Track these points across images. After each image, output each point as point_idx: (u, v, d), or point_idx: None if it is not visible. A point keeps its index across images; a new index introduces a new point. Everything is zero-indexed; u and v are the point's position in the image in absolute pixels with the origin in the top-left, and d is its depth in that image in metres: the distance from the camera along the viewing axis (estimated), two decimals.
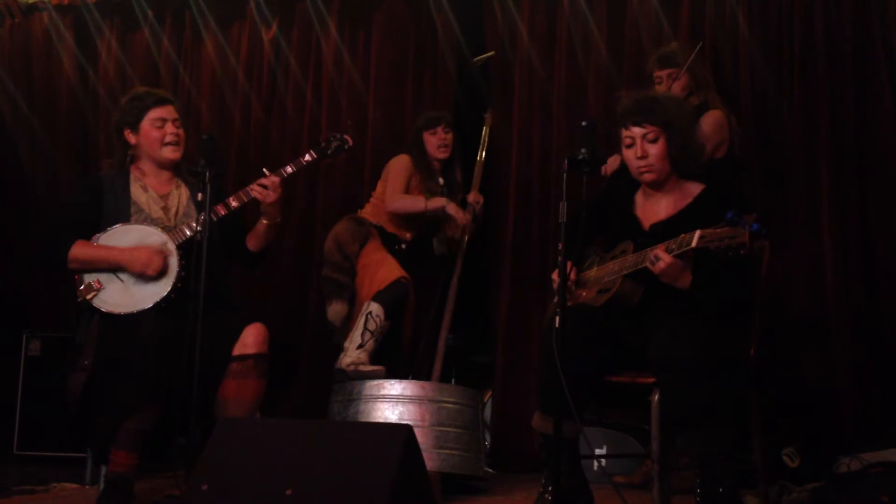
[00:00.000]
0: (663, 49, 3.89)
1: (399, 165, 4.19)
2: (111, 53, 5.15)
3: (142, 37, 5.12)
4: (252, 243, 3.40)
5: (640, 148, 2.89)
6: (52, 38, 5.21)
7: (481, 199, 4.31)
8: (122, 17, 5.16)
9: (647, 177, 2.93)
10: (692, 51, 3.78)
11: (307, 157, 3.44)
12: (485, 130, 4.52)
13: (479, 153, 4.46)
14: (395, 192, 4.11)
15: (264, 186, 3.25)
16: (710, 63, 4.18)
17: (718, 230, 2.56)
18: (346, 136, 3.52)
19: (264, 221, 3.33)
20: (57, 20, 5.19)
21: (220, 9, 5.04)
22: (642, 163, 2.90)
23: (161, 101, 3.31)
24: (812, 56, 4.11)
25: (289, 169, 3.37)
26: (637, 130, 2.90)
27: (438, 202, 4.09)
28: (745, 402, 2.87)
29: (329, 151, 3.49)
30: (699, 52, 3.83)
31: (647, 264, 2.72)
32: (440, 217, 4.21)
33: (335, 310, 4.00)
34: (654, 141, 2.89)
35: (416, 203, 4.10)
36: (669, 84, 3.75)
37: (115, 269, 3.13)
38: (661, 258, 2.69)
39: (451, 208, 4.11)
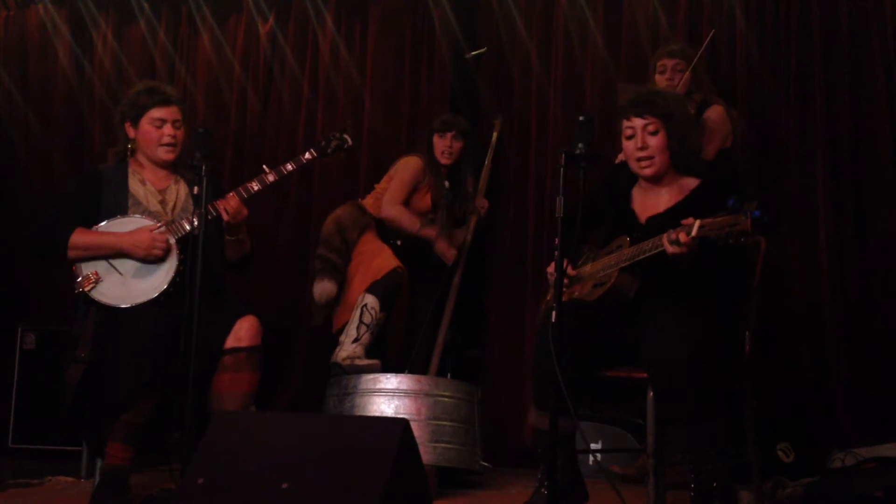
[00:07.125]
0: (673, 44, 3.95)
1: (408, 170, 4.13)
2: (107, 46, 5.14)
3: (137, 29, 5.11)
4: (227, 252, 3.38)
5: (641, 139, 2.89)
6: (48, 31, 5.19)
7: (486, 205, 4.29)
8: (117, 10, 5.15)
9: (647, 171, 2.91)
10: (700, 46, 3.81)
11: (307, 156, 3.43)
12: (494, 136, 4.45)
13: (486, 158, 4.40)
14: (394, 199, 4.08)
15: (226, 209, 3.16)
16: (707, 58, 4.18)
17: (718, 219, 2.53)
18: (345, 136, 3.52)
19: (227, 237, 3.30)
20: (52, 12, 5.18)
21: (216, 1, 5.03)
22: (642, 154, 2.89)
23: (164, 102, 3.27)
24: (808, 51, 4.11)
25: (289, 167, 3.36)
26: (638, 121, 2.90)
27: (430, 232, 4.10)
28: (739, 397, 2.87)
29: (329, 150, 3.48)
30: (709, 43, 3.88)
31: (665, 242, 2.65)
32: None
33: (323, 287, 3.95)
34: (654, 133, 2.88)
35: (411, 224, 4.08)
36: (672, 75, 3.76)
37: (115, 254, 3.11)
38: (683, 241, 2.60)
39: (440, 246, 4.11)
